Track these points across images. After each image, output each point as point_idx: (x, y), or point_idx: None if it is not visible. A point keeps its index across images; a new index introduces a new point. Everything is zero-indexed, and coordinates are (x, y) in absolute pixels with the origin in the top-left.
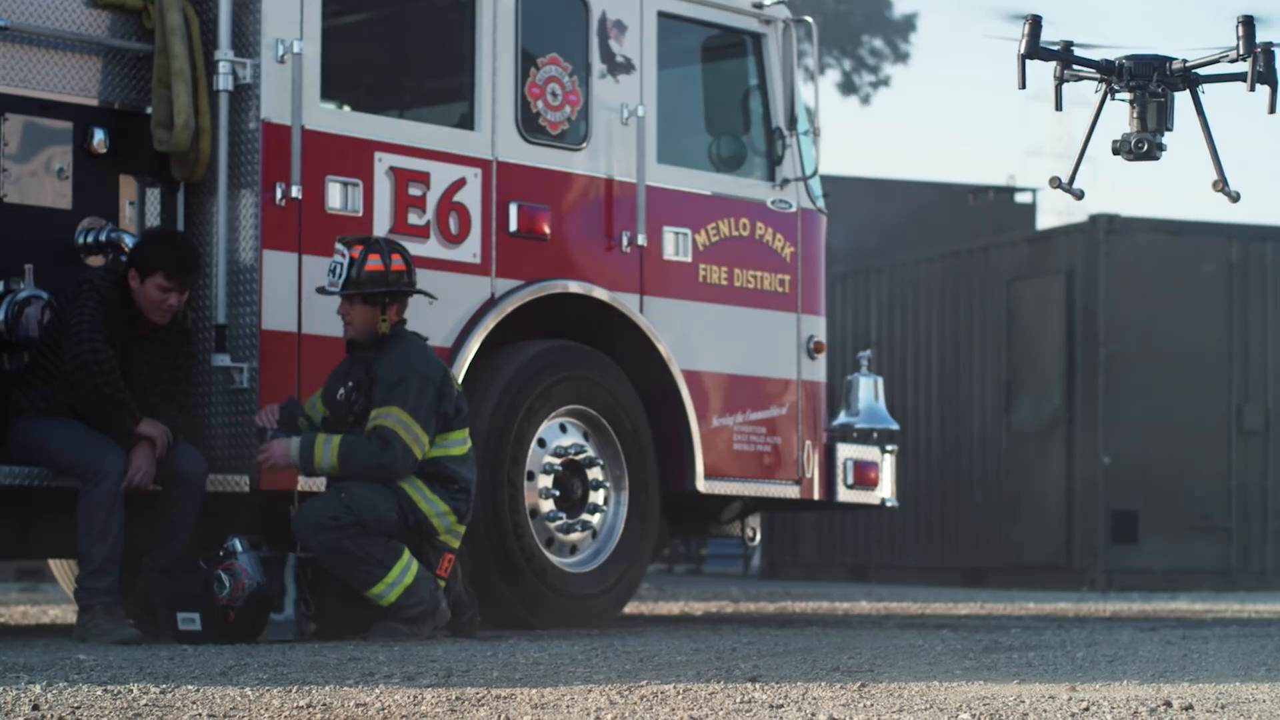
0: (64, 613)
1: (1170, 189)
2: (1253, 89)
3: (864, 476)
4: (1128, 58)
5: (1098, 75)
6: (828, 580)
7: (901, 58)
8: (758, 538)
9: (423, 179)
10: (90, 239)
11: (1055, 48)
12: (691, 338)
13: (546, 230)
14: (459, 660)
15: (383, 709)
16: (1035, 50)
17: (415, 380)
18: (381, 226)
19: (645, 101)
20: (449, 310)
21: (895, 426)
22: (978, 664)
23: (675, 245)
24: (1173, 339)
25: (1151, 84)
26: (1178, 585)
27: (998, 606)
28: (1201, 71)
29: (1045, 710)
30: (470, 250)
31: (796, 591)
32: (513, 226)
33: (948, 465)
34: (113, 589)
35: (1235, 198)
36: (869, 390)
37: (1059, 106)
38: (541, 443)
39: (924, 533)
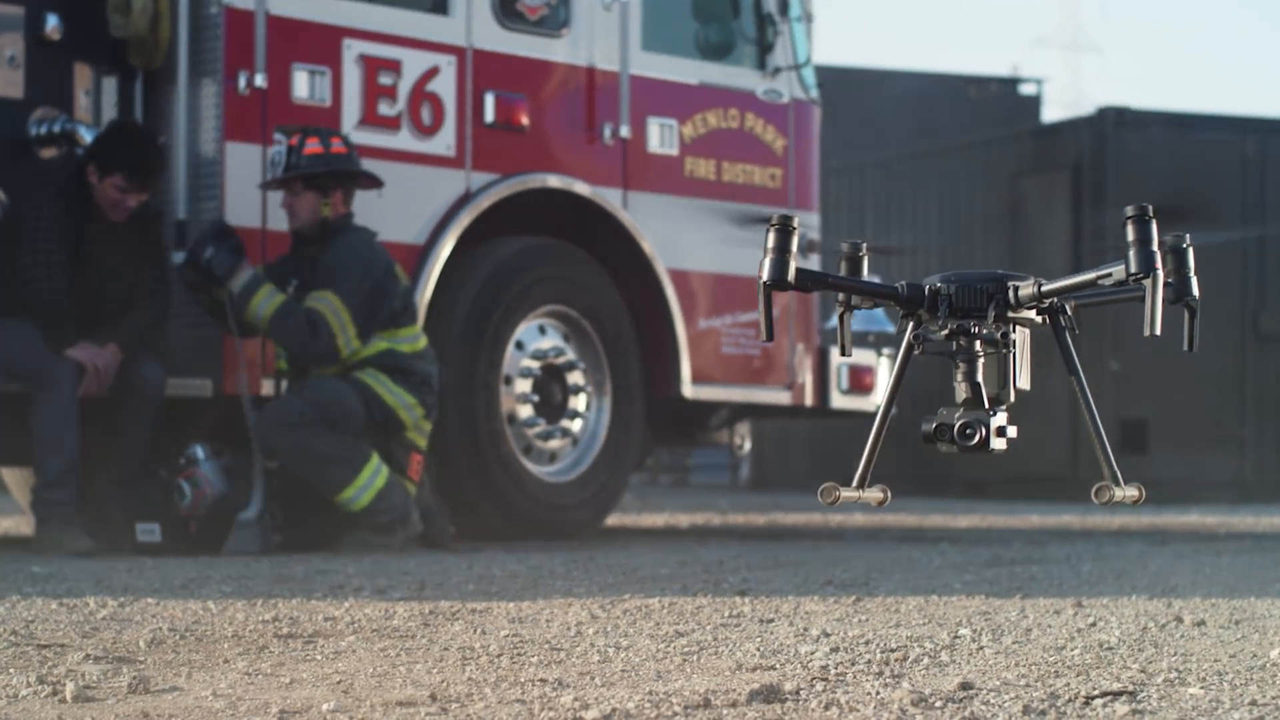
0: (16, 525)
1: (1184, 78)
2: (1151, 327)
3: (859, 382)
4: (954, 278)
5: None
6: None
7: None
8: (746, 446)
9: (394, 67)
10: (43, 130)
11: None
12: (677, 235)
13: (524, 121)
14: (432, 573)
15: (353, 623)
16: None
17: (356, 270)
18: (351, 117)
19: None
20: (422, 205)
21: (892, 329)
22: (978, 578)
23: (660, 137)
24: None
25: (985, 325)
26: (1189, 497)
27: (999, 519)
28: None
29: (1050, 625)
30: (444, 142)
31: (787, 503)
32: (489, 117)
33: (947, 370)
34: (69, 500)
35: (1138, 499)
36: None
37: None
38: (519, 345)
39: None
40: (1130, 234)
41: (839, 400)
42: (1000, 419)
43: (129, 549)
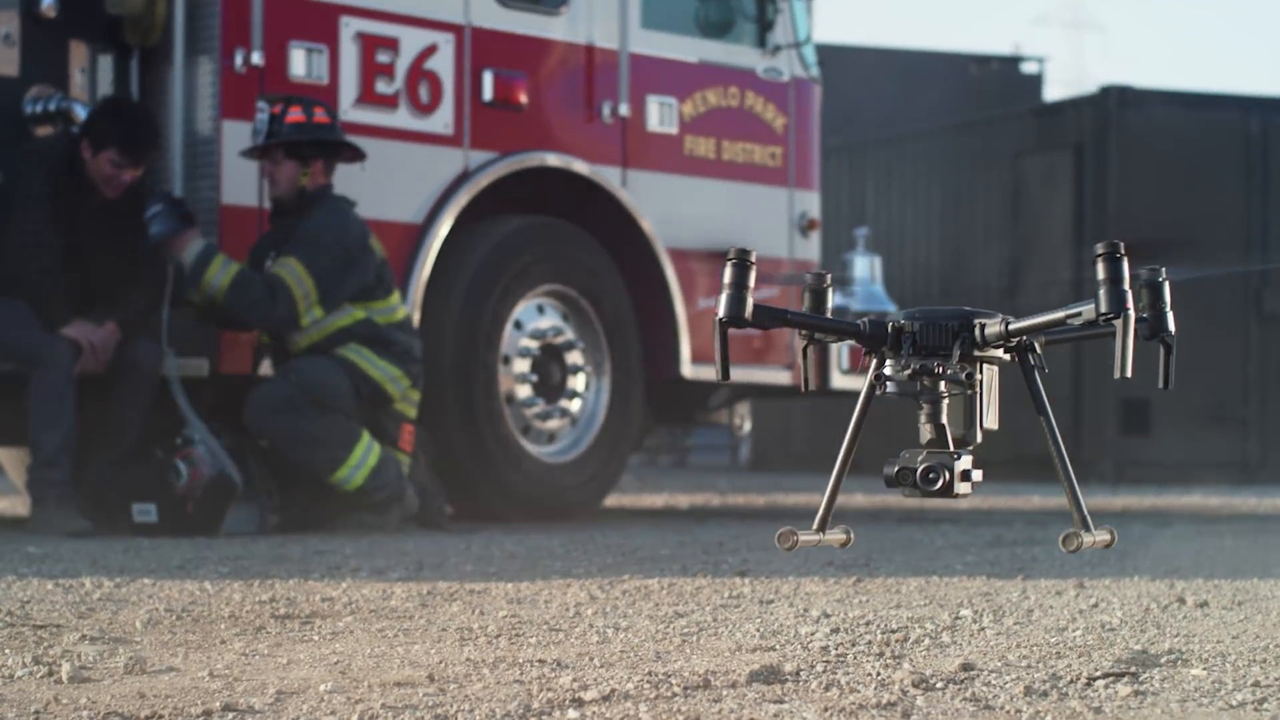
0: (11, 505)
1: (1187, 57)
2: (1122, 369)
3: (860, 362)
4: (918, 315)
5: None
6: (820, 473)
7: None
8: (746, 427)
9: (391, 45)
10: (39, 109)
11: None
12: (677, 214)
13: (523, 100)
14: (430, 553)
15: (350, 603)
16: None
17: (327, 239)
18: (348, 95)
19: None
20: (419, 184)
21: (893, 308)
22: (980, 559)
23: (660, 116)
24: (1188, 218)
25: (949, 365)
26: (1191, 479)
27: (1001, 500)
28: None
29: (1051, 606)
30: (442, 121)
31: (788, 484)
32: (487, 96)
33: None
34: (66, 480)
35: (1110, 543)
36: (866, 270)
37: None
38: (518, 325)
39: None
40: (1100, 272)
41: (839, 380)
42: (965, 462)
43: (125, 529)
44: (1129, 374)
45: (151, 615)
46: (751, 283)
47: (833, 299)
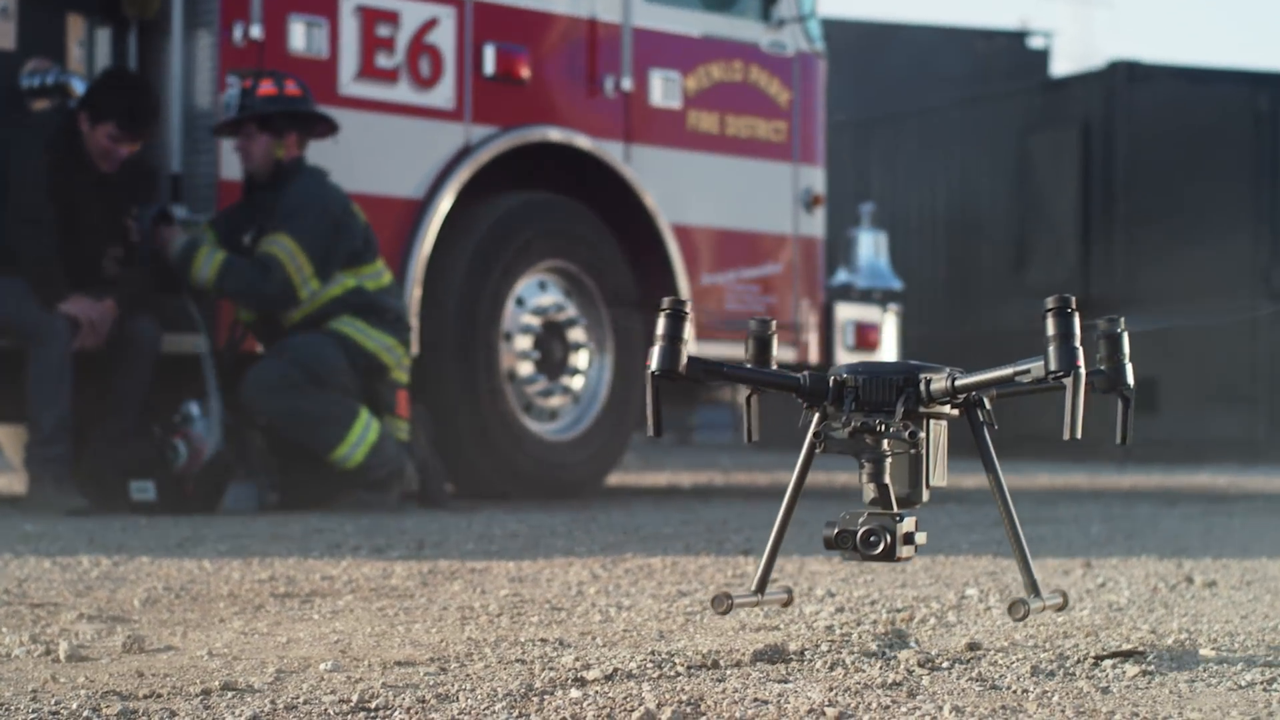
0: (8, 483)
1: (1196, 32)
2: (1071, 430)
3: (865, 339)
4: (861, 369)
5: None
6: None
7: None
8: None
9: (392, 18)
10: (36, 83)
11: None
12: (680, 190)
13: (525, 74)
14: (431, 532)
15: (350, 581)
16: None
17: (312, 210)
18: (348, 69)
19: None
20: (420, 159)
21: (898, 285)
22: (985, 538)
23: (663, 90)
24: (1196, 194)
25: (892, 423)
26: (1200, 457)
27: (1007, 479)
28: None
29: (1058, 586)
30: (443, 95)
31: (791, 463)
32: (488, 70)
33: (954, 327)
34: (63, 457)
35: (1062, 606)
36: (871, 246)
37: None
38: (520, 301)
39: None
40: (1050, 328)
41: (844, 358)
42: (908, 524)
43: (123, 507)
44: (1078, 435)
45: (150, 594)
46: (686, 334)
47: (840, 275)
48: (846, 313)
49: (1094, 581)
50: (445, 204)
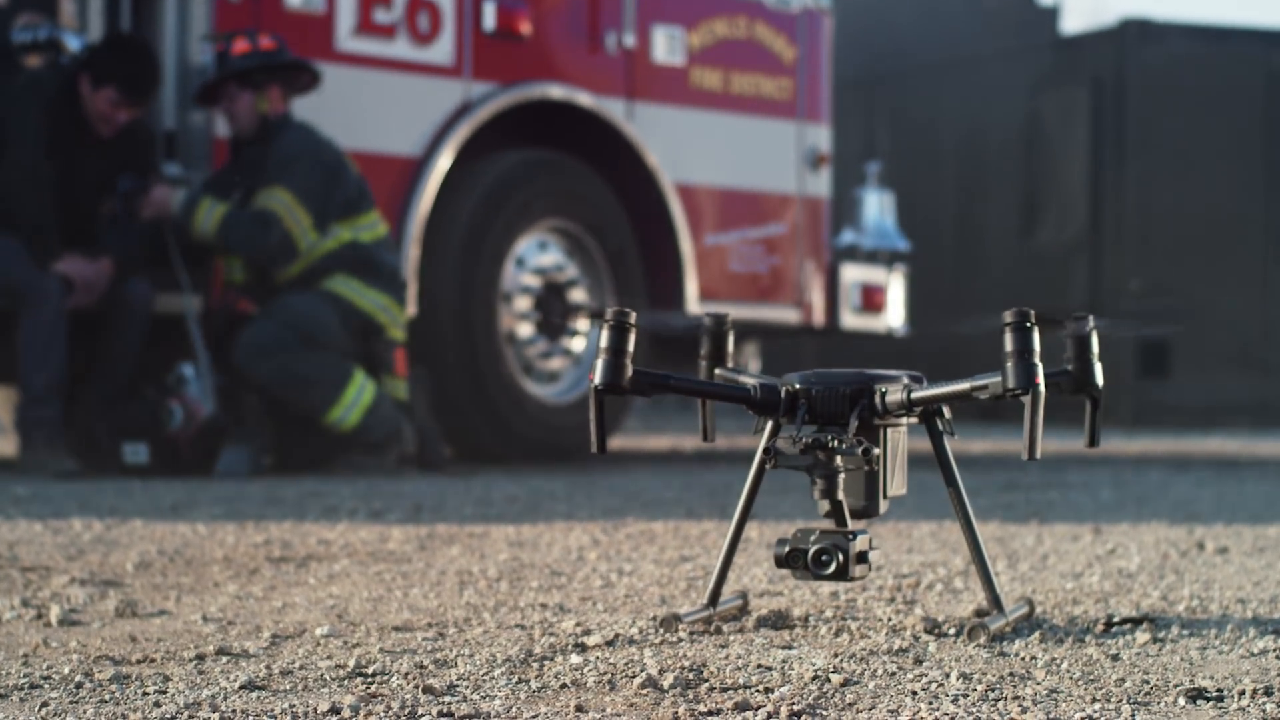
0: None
1: None
2: (1030, 451)
3: (871, 300)
4: (814, 380)
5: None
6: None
7: None
8: (754, 367)
9: None
10: (28, 38)
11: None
12: (683, 148)
13: (525, 30)
14: (429, 496)
15: (346, 545)
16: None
17: (305, 161)
18: (345, 25)
19: None
20: (418, 116)
21: (905, 246)
22: (993, 503)
23: (666, 46)
24: (1208, 154)
25: (845, 439)
26: (1211, 422)
27: (1015, 444)
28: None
29: (1067, 552)
30: (442, 51)
31: None
32: (488, 25)
33: (962, 289)
34: (55, 419)
35: (1028, 615)
36: (877, 206)
37: None
38: (519, 262)
39: (934, 362)
40: (1008, 343)
41: (850, 320)
42: (861, 543)
43: (115, 470)
44: (1038, 456)
45: (143, 557)
46: (630, 346)
47: (846, 236)
48: (852, 274)
49: (1104, 548)
50: (444, 162)
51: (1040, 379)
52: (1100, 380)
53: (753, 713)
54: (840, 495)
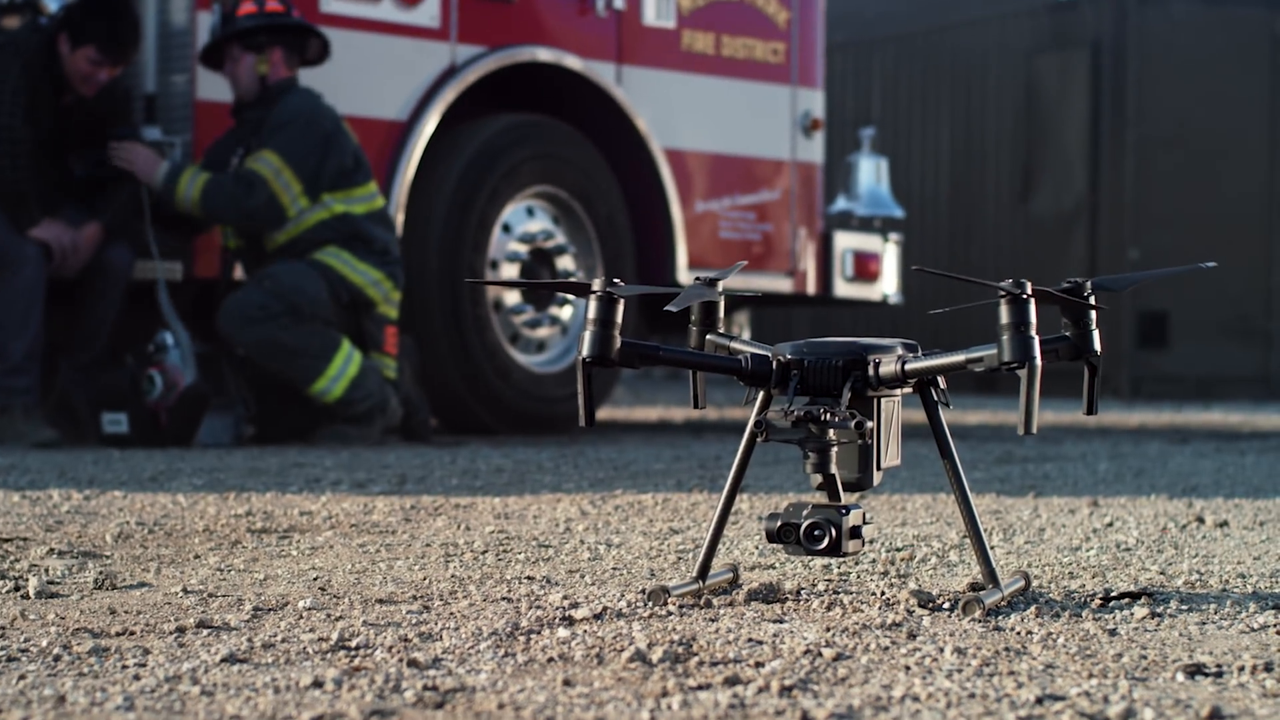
0: None
1: None
2: (1026, 425)
3: (864, 269)
4: (806, 350)
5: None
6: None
7: None
8: (745, 336)
9: None
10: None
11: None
12: (674, 113)
13: None
14: (413, 467)
15: (330, 517)
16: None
17: (297, 125)
18: None
19: None
20: (404, 80)
21: (900, 213)
22: (989, 476)
23: (656, 9)
24: (1210, 120)
25: (837, 412)
26: (1211, 394)
27: (1011, 415)
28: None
29: (1064, 525)
30: (428, 13)
31: None
32: None
33: (957, 257)
34: (32, 388)
35: (1024, 589)
36: (871, 173)
37: None
38: (506, 228)
39: (929, 332)
40: (1004, 316)
41: (843, 288)
42: (854, 518)
43: (94, 439)
44: (1034, 430)
45: (122, 529)
46: (619, 318)
47: (839, 203)
48: (845, 241)
49: (1101, 521)
50: (430, 126)
51: (1037, 353)
52: (1099, 347)
53: (743, 686)
54: (833, 469)
